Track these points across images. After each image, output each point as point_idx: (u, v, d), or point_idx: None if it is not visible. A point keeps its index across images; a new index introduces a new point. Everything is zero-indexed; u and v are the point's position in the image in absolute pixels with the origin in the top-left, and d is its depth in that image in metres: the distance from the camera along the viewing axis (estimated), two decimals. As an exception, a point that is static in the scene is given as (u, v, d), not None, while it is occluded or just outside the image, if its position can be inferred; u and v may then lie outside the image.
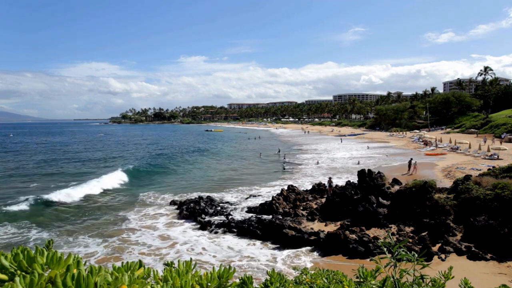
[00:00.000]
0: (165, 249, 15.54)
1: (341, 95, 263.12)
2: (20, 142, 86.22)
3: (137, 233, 17.38)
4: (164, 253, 15.10)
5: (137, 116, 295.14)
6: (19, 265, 1.10)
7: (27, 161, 47.12)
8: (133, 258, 14.18)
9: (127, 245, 15.91)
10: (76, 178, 32.37)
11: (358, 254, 14.11)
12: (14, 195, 25.44)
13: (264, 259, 14.35)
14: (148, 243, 16.15)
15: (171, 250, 15.44)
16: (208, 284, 1.32)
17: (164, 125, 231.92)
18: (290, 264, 13.75)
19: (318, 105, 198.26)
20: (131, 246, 15.77)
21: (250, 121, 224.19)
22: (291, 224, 16.94)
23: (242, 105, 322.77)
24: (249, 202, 23.29)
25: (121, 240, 16.53)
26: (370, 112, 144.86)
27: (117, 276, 1.12)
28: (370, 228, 16.64)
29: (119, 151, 61.39)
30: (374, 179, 20.94)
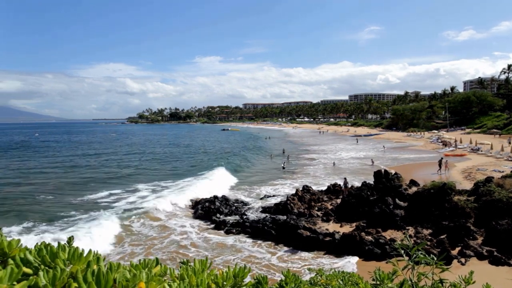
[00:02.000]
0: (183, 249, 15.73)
1: (357, 95, 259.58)
2: (78, 142, 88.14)
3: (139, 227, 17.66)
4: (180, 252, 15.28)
5: (154, 116, 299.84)
6: (42, 260, 1.14)
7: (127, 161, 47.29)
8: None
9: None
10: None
11: (374, 256, 13.89)
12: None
13: (278, 259, 14.32)
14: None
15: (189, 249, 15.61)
16: (223, 283, 1.33)
17: (180, 125, 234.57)
18: (304, 264, 13.67)
19: (334, 105, 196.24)
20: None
21: (265, 121, 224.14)
22: (306, 224, 16.84)
23: (257, 105, 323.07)
24: (264, 202, 23.29)
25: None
26: (387, 112, 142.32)
27: (135, 273, 1.14)
28: (387, 230, 16.35)
29: (178, 153, 58.37)
30: (390, 180, 20.58)
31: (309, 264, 13.54)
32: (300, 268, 13.33)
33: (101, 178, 33.29)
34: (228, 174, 33.87)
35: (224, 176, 32.60)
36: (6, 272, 0.79)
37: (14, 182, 31.28)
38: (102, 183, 30.74)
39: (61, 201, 23.98)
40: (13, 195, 26.03)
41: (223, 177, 31.97)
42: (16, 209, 21.77)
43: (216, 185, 27.80)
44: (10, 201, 23.94)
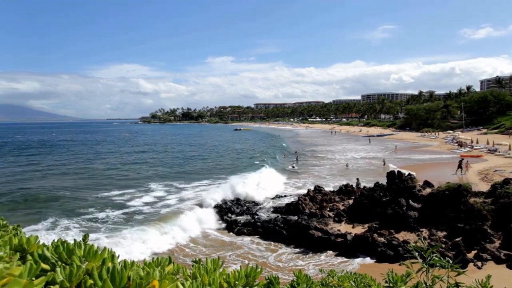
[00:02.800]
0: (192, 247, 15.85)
1: (370, 95, 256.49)
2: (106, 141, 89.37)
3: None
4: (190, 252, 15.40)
5: (166, 116, 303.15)
6: (59, 256, 1.17)
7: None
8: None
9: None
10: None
11: (387, 258, 13.71)
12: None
13: (290, 260, 14.28)
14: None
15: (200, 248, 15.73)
16: (235, 282, 1.34)
17: (193, 125, 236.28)
18: (316, 265, 13.59)
19: (346, 105, 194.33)
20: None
21: (277, 121, 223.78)
22: (317, 225, 16.75)
23: (268, 105, 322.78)
24: (276, 202, 23.26)
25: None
26: (400, 112, 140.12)
27: (148, 271, 1.16)
28: (400, 232, 16.12)
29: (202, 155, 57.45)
30: (404, 181, 20.25)
31: (321, 265, 13.46)
32: (311, 268, 13.26)
33: (150, 176, 33.69)
34: (275, 173, 34.27)
35: (272, 175, 33.11)
36: (26, 268, 0.81)
37: (33, 180, 32.08)
38: (150, 181, 31.00)
39: (88, 199, 24.49)
40: (36, 192, 26.68)
41: (270, 176, 32.35)
42: (37, 207, 22.30)
43: (269, 183, 28.17)
44: (32, 199, 24.57)
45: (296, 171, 35.85)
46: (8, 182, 30.86)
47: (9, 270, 0.64)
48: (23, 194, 25.85)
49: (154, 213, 20.76)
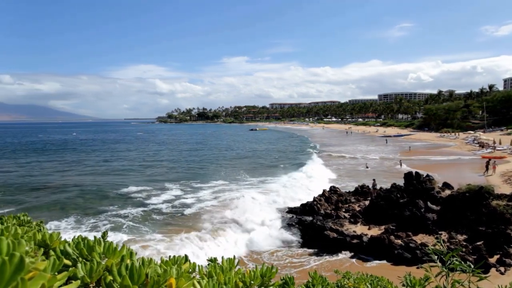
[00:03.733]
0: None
1: (387, 94, 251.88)
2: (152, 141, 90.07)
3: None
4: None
5: (182, 116, 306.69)
6: (80, 252, 1.20)
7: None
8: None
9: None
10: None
11: (404, 261, 13.45)
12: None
13: (304, 260, 14.21)
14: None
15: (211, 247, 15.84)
16: (251, 282, 1.34)
17: (209, 125, 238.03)
18: (331, 266, 13.47)
19: (362, 105, 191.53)
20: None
21: (292, 121, 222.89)
22: (332, 226, 16.60)
23: (283, 105, 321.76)
24: (289, 201, 23.17)
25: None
26: (419, 112, 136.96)
27: (166, 269, 1.17)
28: (417, 234, 15.77)
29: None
30: (422, 182, 19.79)
31: (336, 266, 13.34)
32: (326, 269, 13.15)
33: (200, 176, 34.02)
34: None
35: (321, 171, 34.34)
36: (49, 263, 0.84)
37: (55, 178, 33.10)
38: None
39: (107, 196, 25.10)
40: (58, 190, 27.53)
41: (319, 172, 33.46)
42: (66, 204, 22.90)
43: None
44: (54, 196, 25.38)
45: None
46: (32, 180, 31.96)
47: (34, 264, 0.66)
48: (46, 191, 26.76)
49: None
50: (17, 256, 0.54)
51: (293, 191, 25.73)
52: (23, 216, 1.97)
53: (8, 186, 29.09)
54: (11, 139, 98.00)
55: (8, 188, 28.05)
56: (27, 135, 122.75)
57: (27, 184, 29.99)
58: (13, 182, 30.74)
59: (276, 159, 46.99)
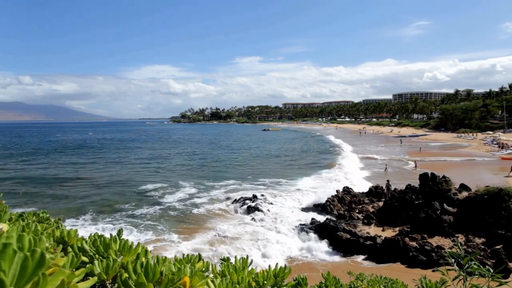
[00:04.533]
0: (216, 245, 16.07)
1: (402, 94, 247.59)
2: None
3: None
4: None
5: (195, 116, 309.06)
6: (97, 250, 1.23)
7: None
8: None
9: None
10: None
11: (419, 264, 13.21)
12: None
13: (316, 261, 14.11)
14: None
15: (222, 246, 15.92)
16: (264, 282, 1.34)
17: (222, 125, 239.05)
18: (344, 267, 13.34)
19: (376, 105, 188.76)
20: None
21: (305, 121, 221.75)
22: (345, 227, 16.43)
23: (296, 105, 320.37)
24: (302, 201, 23.07)
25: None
26: (435, 112, 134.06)
27: (180, 268, 1.19)
28: (433, 237, 15.45)
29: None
30: (438, 183, 19.38)
31: (349, 267, 13.19)
32: (339, 270, 13.04)
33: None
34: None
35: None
36: (68, 259, 0.86)
37: (73, 176, 33.89)
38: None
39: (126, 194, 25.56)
40: (76, 188, 28.18)
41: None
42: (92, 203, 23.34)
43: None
44: (74, 194, 25.99)
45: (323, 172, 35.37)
46: (50, 178, 32.81)
47: (54, 260, 0.68)
48: (64, 189, 27.44)
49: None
50: (38, 252, 0.55)
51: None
52: (42, 214, 2.02)
53: (28, 184, 29.98)
54: (32, 139, 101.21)
55: (28, 186, 28.90)
56: (47, 135, 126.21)
57: (46, 182, 30.82)
58: (33, 181, 31.65)
59: (295, 161, 46.86)
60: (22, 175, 34.83)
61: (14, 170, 38.29)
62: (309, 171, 35.61)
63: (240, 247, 15.74)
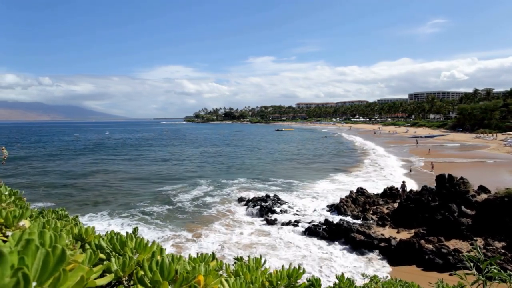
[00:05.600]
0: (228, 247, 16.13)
1: (418, 93, 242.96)
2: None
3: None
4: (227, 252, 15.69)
5: (209, 116, 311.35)
6: (113, 247, 1.25)
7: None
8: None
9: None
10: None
11: (435, 267, 12.93)
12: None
13: (330, 262, 14.00)
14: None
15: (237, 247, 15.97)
16: (278, 282, 1.34)
17: (235, 124, 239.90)
18: (358, 270, 13.18)
19: (392, 104, 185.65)
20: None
21: (318, 121, 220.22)
22: (359, 228, 16.24)
23: (310, 105, 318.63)
24: (315, 202, 22.92)
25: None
26: (452, 112, 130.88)
27: (194, 266, 1.20)
28: (450, 240, 15.09)
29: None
30: (455, 185, 18.91)
31: (363, 269, 13.03)
32: (352, 272, 12.89)
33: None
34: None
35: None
36: (86, 256, 0.88)
37: (90, 175, 34.66)
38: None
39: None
40: (93, 186, 28.82)
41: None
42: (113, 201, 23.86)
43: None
44: (90, 192, 26.59)
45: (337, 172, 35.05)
46: (69, 177, 33.62)
47: (73, 257, 0.70)
48: (79, 188, 28.08)
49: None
50: (59, 248, 0.57)
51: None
52: (61, 211, 2.07)
53: (46, 183, 30.81)
54: (52, 138, 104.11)
55: (46, 184, 29.71)
56: (66, 134, 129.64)
57: (62, 179, 31.63)
58: (51, 179, 32.52)
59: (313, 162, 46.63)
60: (42, 172, 35.93)
61: (35, 168, 39.43)
62: (322, 172, 35.35)
63: (253, 247, 15.76)
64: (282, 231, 17.59)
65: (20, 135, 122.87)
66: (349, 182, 29.58)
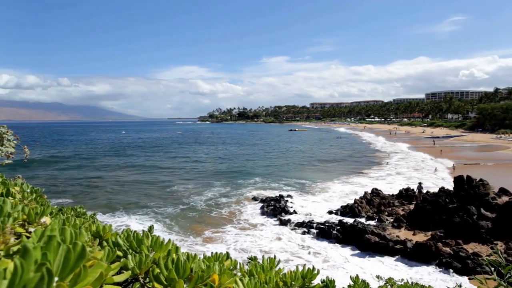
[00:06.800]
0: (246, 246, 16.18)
1: (435, 93, 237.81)
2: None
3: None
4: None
5: (223, 116, 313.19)
6: (130, 245, 1.27)
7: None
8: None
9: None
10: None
11: (453, 271, 12.61)
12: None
13: (344, 263, 13.86)
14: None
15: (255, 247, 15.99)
16: (292, 282, 1.33)
17: (249, 124, 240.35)
18: (373, 271, 13.00)
19: (408, 104, 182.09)
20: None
21: (333, 121, 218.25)
22: (374, 229, 16.01)
23: (324, 105, 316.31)
24: (329, 203, 22.73)
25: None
26: (471, 112, 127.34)
27: (209, 265, 1.21)
28: (469, 243, 14.70)
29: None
30: (474, 187, 18.41)
31: (378, 271, 12.84)
32: (367, 274, 12.72)
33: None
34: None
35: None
36: (104, 253, 0.90)
37: (104, 174, 35.39)
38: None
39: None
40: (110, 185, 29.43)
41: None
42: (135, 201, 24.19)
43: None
44: (104, 191, 27.16)
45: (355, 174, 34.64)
46: (83, 177, 34.42)
47: (93, 253, 0.72)
48: (94, 187, 28.70)
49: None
50: (80, 245, 0.58)
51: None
52: (79, 208, 2.12)
53: (63, 181, 31.62)
54: (72, 137, 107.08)
55: (63, 183, 30.50)
56: (83, 133, 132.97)
57: (79, 179, 32.38)
58: (67, 177, 33.38)
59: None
60: (59, 169, 36.94)
61: (53, 166, 40.55)
62: (336, 173, 35.01)
63: (265, 247, 15.76)
64: (295, 232, 17.52)
65: (42, 134, 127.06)
66: (363, 183, 29.20)
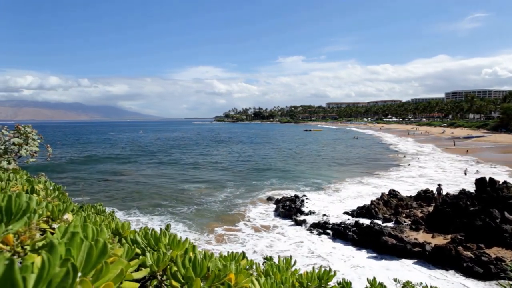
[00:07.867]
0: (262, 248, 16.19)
1: (456, 92, 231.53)
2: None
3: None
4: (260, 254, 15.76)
5: (239, 115, 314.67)
6: (148, 243, 1.29)
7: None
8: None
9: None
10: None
11: (474, 275, 12.24)
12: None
13: (360, 265, 13.67)
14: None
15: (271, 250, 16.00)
16: (308, 283, 1.33)
17: (264, 124, 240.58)
18: (390, 274, 12.77)
19: (427, 104, 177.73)
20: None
21: (349, 121, 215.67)
22: (391, 231, 15.71)
23: (340, 104, 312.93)
24: (345, 204, 22.47)
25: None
26: (494, 111, 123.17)
27: (225, 264, 1.22)
28: (491, 247, 14.22)
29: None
30: (497, 189, 17.78)
31: (395, 274, 12.60)
32: (384, 276, 12.50)
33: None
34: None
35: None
36: (124, 250, 0.92)
37: (120, 173, 36.16)
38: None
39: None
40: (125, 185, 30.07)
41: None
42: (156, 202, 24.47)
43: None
44: (119, 190, 27.75)
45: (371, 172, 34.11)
46: (102, 175, 35.26)
47: (113, 250, 0.73)
48: (115, 184, 29.36)
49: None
50: (101, 241, 0.60)
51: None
52: (99, 206, 2.17)
53: (82, 179, 32.50)
54: (91, 136, 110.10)
55: (83, 180, 31.35)
56: (102, 132, 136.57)
57: (97, 178, 33.19)
58: (86, 175, 34.28)
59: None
60: (79, 167, 38.01)
61: (74, 164, 41.74)
62: (353, 174, 34.56)
63: (281, 248, 15.73)
64: (311, 232, 17.41)
65: (64, 133, 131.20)
66: (380, 184, 28.71)
